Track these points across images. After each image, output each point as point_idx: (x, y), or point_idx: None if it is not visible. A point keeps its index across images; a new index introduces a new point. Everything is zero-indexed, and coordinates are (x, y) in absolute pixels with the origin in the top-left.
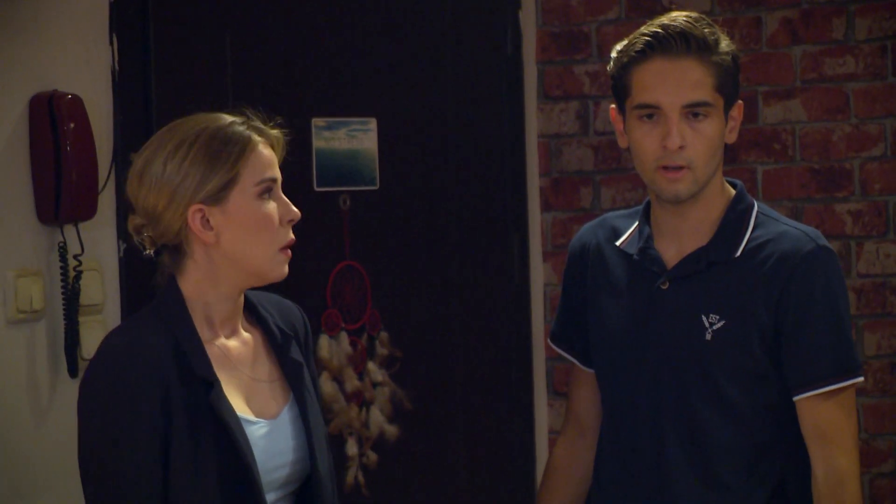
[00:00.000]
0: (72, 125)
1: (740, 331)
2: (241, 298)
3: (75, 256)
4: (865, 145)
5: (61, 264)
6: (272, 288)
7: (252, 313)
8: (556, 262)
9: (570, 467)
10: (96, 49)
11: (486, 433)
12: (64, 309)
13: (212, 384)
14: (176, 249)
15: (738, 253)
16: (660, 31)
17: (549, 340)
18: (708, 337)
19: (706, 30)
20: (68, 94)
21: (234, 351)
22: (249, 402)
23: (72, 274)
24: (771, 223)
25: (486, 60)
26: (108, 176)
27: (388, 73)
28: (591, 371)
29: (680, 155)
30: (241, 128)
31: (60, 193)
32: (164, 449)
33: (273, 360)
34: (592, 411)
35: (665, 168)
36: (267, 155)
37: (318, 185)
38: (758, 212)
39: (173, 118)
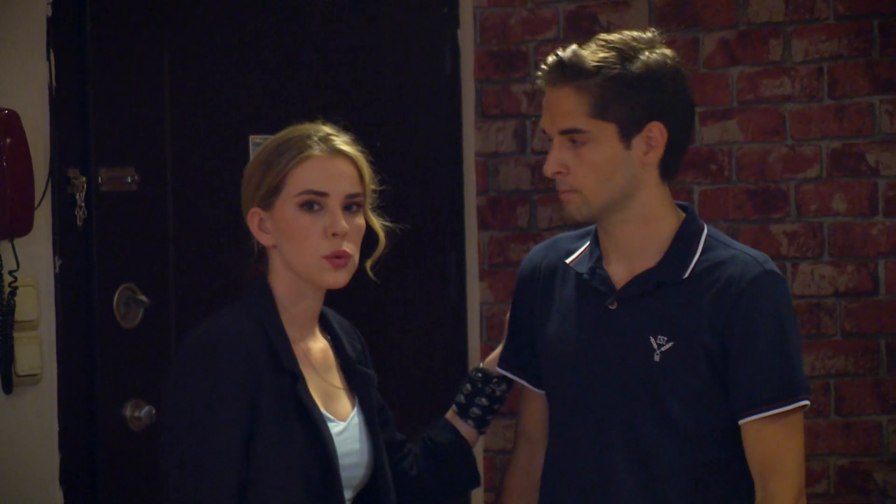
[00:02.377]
0: (8, 140)
1: (687, 352)
2: (322, 301)
3: (10, 272)
4: (801, 167)
5: None
6: None
7: (323, 324)
8: (493, 280)
9: (524, 485)
10: (33, 64)
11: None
12: None
13: (297, 378)
14: (264, 250)
15: (687, 274)
16: (549, 60)
17: (497, 367)
18: (657, 358)
19: (600, 55)
20: (5, 110)
21: (314, 354)
22: (325, 402)
23: (7, 290)
24: (720, 247)
25: (423, 79)
26: (45, 192)
27: (325, 90)
28: (542, 392)
29: (563, 180)
30: (310, 139)
31: None
32: (249, 435)
33: (340, 370)
34: (544, 430)
35: (559, 190)
36: (325, 169)
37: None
38: (707, 235)
39: (110, 134)
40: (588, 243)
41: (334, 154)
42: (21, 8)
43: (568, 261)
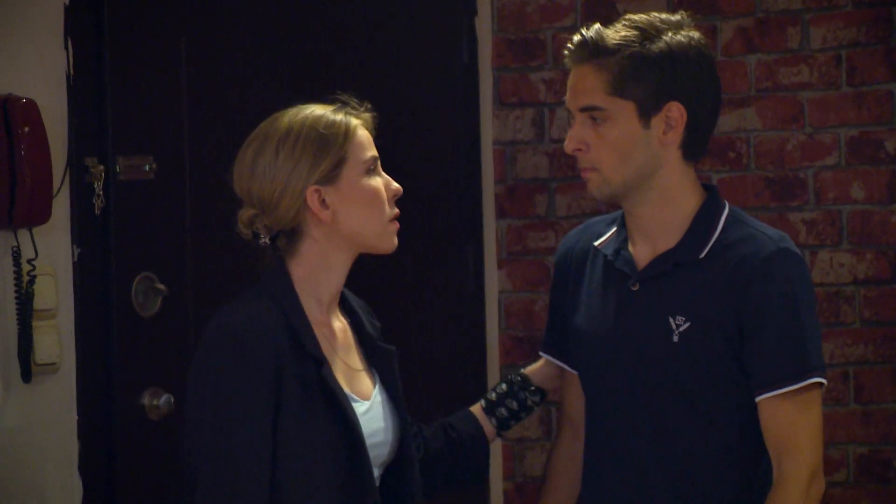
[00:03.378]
0: (26, 129)
1: (704, 332)
2: (345, 278)
3: (29, 261)
4: (819, 154)
5: (15, 269)
6: None
7: (343, 304)
8: (511, 269)
9: (568, 469)
10: (51, 53)
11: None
12: (17, 314)
13: (321, 362)
14: (292, 233)
15: (703, 254)
16: (574, 38)
17: (540, 351)
18: (675, 339)
19: (621, 33)
20: (23, 99)
21: (336, 336)
22: (348, 383)
23: (25, 279)
24: (739, 226)
25: (441, 67)
26: (63, 180)
27: (343, 78)
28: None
29: (583, 157)
30: (340, 114)
31: (14, 198)
32: (274, 422)
33: (359, 349)
34: (585, 413)
35: (581, 168)
36: (366, 136)
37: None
38: (728, 214)
39: (128, 122)
40: (616, 226)
41: (364, 122)
42: None
43: (596, 243)
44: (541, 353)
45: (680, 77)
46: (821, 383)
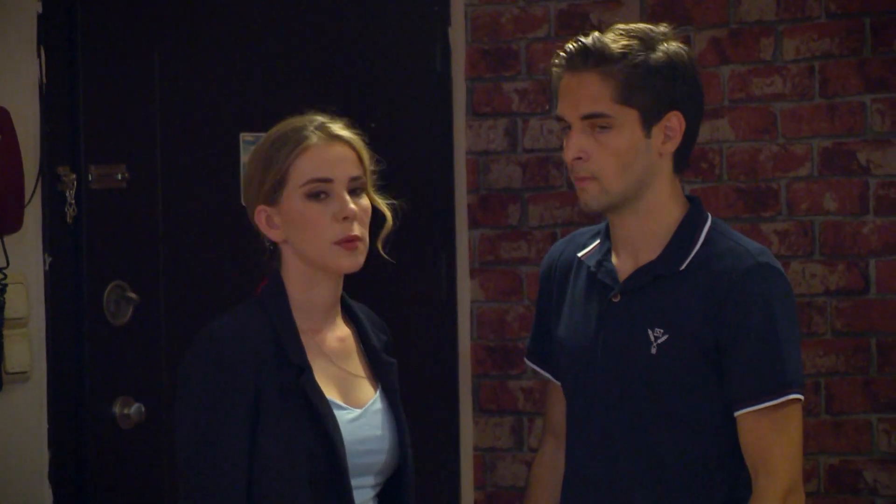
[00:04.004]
0: None
1: (683, 345)
2: (339, 290)
3: (0, 270)
4: (792, 165)
5: None
6: None
7: (349, 314)
8: (484, 279)
9: (550, 479)
10: (24, 62)
11: (413, 449)
12: None
13: (303, 369)
14: (274, 244)
15: (684, 267)
16: (569, 46)
17: (525, 358)
18: (653, 351)
19: (621, 42)
20: None
21: (331, 344)
22: (341, 391)
23: None
24: (720, 239)
25: (415, 76)
26: (35, 189)
27: (316, 88)
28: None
29: (583, 166)
30: (306, 129)
31: None
32: (253, 427)
33: (363, 358)
34: (566, 423)
35: (576, 178)
36: (325, 155)
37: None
38: (710, 227)
39: (100, 131)
40: (600, 238)
41: (332, 140)
42: (12, 5)
43: (580, 255)
44: (525, 361)
45: (679, 86)
46: (798, 399)
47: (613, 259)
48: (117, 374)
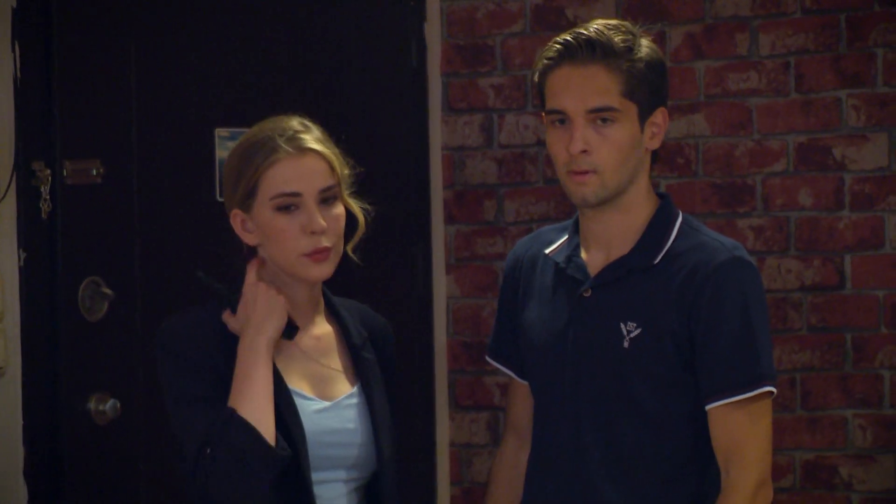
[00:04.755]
0: None
1: (655, 339)
2: (315, 291)
3: None
4: (768, 161)
5: None
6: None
7: (333, 312)
8: (459, 274)
9: (511, 477)
10: None
11: (395, 447)
12: None
13: None
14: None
15: (657, 261)
16: (569, 38)
17: (486, 356)
18: (626, 345)
19: (619, 37)
20: None
21: (307, 342)
22: (312, 384)
23: None
24: (692, 234)
25: (390, 72)
26: (9, 184)
27: (292, 83)
28: (526, 383)
29: (585, 159)
30: (277, 140)
31: None
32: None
33: (346, 354)
34: (531, 421)
35: (574, 172)
36: (294, 169)
37: (222, 195)
38: (682, 222)
39: (75, 126)
40: (569, 234)
41: (302, 152)
42: None
43: (547, 251)
44: (487, 359)
45: (665, 82)
46: (771, 392)
47: (583, 254)
48: (92, 370)
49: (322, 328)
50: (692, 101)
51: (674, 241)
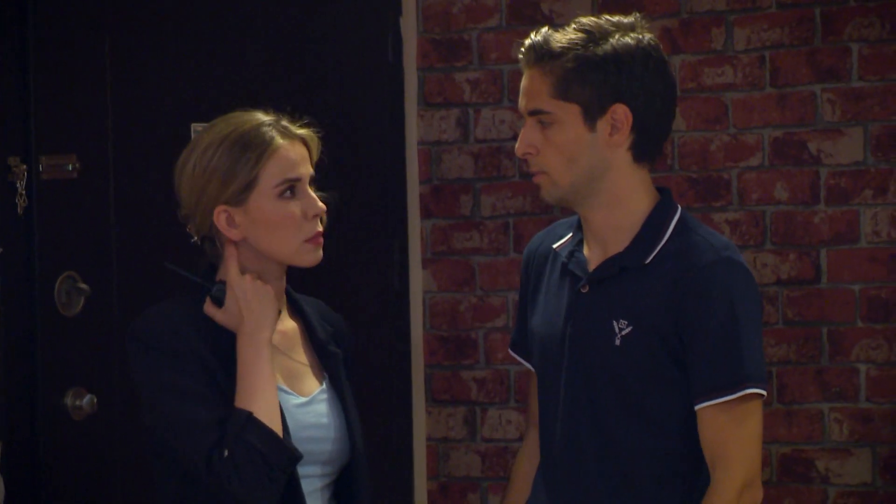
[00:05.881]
0: None
1: (646, 337)
2: (282, 285)
3: None
4: (743, 155)
5: None
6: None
7: (295, 308)
8: (436, 269)
9: (528, 471)
10: None
11: (365, 440)
12: None
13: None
14: (213, 241)
15: (649, 260)
16: (524, 42)
17: (509, 348)
18: (617, 342)
19: (567, 38)
20: None
21: (273, 338)
22: (285, 378)
23: None
24: (686, 233)
25: (366, 67)
26: None
27: (267, 78)
28: None
29: (534, 161)
30: (267, 129)
31: None
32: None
33: (310, 350)
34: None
35: (529, 173)
36: (291, 156)
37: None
38: (678, 220)
39: (51, 121)
40: (574, 229)
41: (295, 139)
42: None
43: (555, 246)
44: (510, 351)
45: (625, 79)
46: (760, 394)
47: (585, 250)
48: (69, 366)
49: (287, 323)
50: None
51: (667, 241)
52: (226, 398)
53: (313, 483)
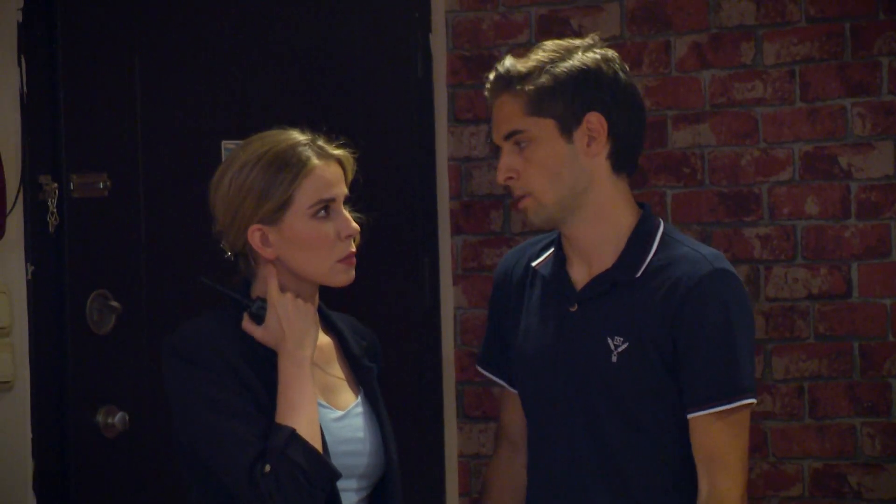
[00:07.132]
0: None
1: (642, 352)
2: (314, 302)
3: None
4: (774, 169)
5: None
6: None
7: (328, 323)
8: (467, 285)
9: (505, 486)
10: (4, 70)
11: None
12: None
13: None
14: (246, 258)
15: (639, 274)
16: (489, 77)
17: (476, 365)
18: (614, 359)
19: (530, 61)
20: None
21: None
22: (323, 392)
23: None
24: (674, 245)
25: (396, 83)
26: (17, 198)
27: (297, 95)
28: (517, 392)
29: (517, 185)
30: (303, 149)
31: None
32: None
33: (345, 364)
34: (523, 430)
35: (514, 199)
36: (327, 176)
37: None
38: (663, 233)
39: (82, 140)
40: (554, 247)
41: (330, 159)
42: None
43: (534, 264)
44: (478, 368)
45: (596, 89)
46: (752, 403)
47: (568, 269)
48: (101, 383)
49: (322, 338)
50: (698, 111)
51: (655, 253)
52: (264, 413)
53: (349, 497)
